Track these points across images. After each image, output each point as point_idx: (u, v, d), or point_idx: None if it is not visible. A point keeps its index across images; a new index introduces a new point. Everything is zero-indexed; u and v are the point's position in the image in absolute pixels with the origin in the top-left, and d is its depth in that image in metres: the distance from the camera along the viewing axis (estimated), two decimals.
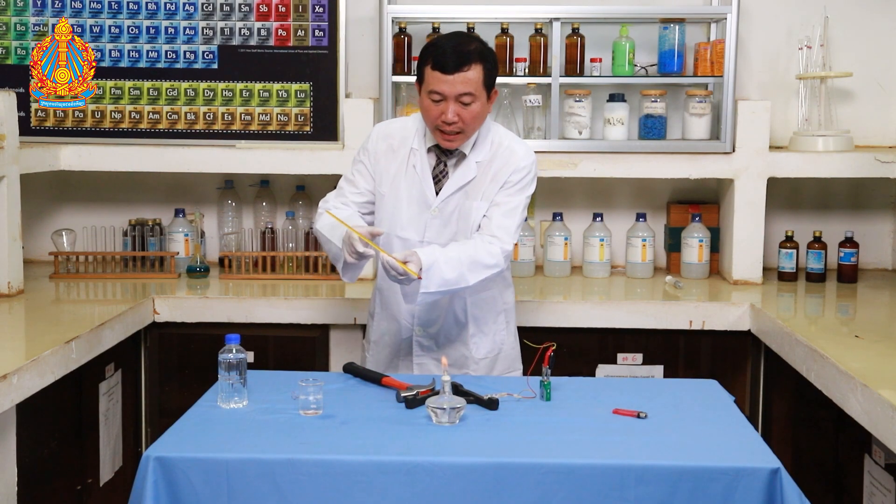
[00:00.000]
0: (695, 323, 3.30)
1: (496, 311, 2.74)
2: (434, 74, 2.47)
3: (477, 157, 2.60)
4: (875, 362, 2.52)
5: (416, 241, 2.61)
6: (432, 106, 2.50)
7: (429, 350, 2.70)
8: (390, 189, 2.63)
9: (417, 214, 2.61)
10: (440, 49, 2.48)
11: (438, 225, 2.61)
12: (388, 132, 2.68)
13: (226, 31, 3.69)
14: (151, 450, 1.98)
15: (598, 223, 3.82)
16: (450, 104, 2.47)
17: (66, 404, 2.84)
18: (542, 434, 2.09)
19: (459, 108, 2.47)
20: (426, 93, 2.50)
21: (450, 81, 2.45)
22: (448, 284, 2.47)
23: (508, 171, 2.59)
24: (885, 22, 3.86)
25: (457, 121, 2.48)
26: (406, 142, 2.63)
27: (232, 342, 2.25)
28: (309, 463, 1.94)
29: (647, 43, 3.76)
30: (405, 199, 2.61)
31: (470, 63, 2.45)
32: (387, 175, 2.63)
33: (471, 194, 2.60)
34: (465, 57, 2.45)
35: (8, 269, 3.22)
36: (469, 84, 2.46)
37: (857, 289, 3.64)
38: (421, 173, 2.61)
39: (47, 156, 3.57)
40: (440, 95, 2.47)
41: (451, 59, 2.45)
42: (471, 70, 2.45)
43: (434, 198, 2.60)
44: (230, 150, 3.68)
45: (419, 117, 2.65)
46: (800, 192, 3.94)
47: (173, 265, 3.71)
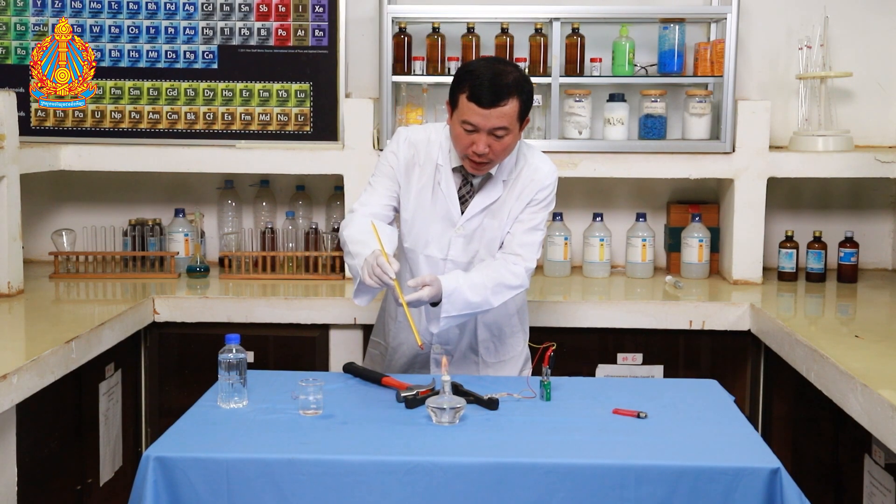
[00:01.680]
0: (695, 323, 3.30)
1: (509, 313, 2.73)
2: (470, 106, 2.37)
3: (503, 175, 2.56)
4: (875, 362, 2.52)
5: (439, 258, 2.59)
6: (464, 135, 2.41)
7: (443, 366, 2.67)
8: (416, 205, 2.58)
9: (441, 232, 2.58)
10: (479, 80, 2.37)
11: (462, 243, 2.58)
12: (414, 142, 2.59)
13: (226, 31, 3.70)
14: (151, 450, 1.98)
15: (598, 223, 3.82)
16: (482, 136, 2.39)
17: (66, 404, 2.84)
18: (542, 434, 2.09)
19: (492, 140, 2.40)
20: (459, 121, 2.41)
21: (485, 115, 2.36)
22: (471, 307, 2.47)
23: (534, 190, 2.56)
24: (885, 22, 3.86)
25: (488, 152, 2.41)
26: (431, 157, 2.57)
27: (232, 342, 2.25)
28: (309, 463, 1.94)
29: (647, 43, 3.76)
30: (430, 216, 2.58)
31: (508, 98, 2.36)
32: (412, 189, 2.58)
33: (495, 213, 2.58)
34: (503, 91, 2.36)
35: (8, 269, 3.22)
36: (504, 118, 2.37)
37: (857, 289, 3.64)
38: (446, 192, 2.56)
39: (47, 156, 3.57)
40: (473, 127, 2.39)
41: (489, 94, 2.35)
42: (507, 105, 2.37)
43: (459, 217, 2.57)
44: (230, 150, 3.68)
45: (444, 130, 2.58)
46: (800, 192, 3.94)
47: (173, 265, 3.71)
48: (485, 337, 2.70)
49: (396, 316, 2.71)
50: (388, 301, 2.77)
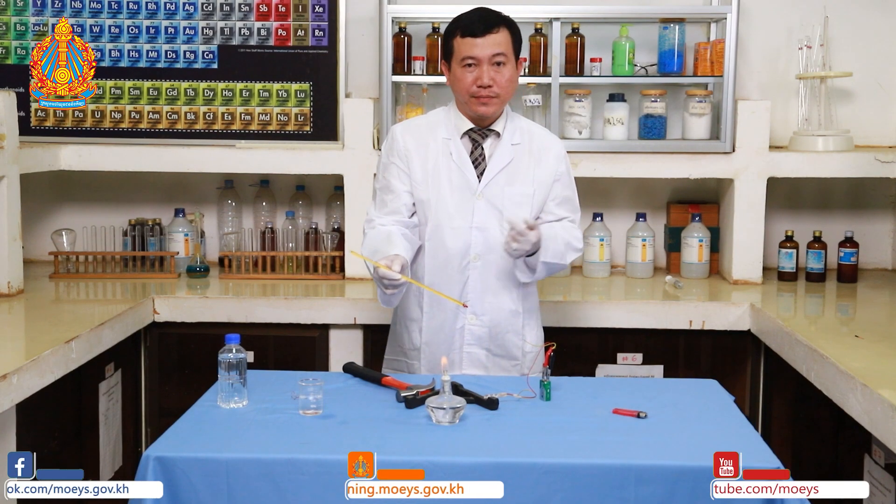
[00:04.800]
0: (695, 323, 3.30)
1: (535, 307, 2.77)
2: (465, 41, 2.55)
3: (511, 139, 2.64)
4: (875, 362, 2.52)
5: (465, 227, 2.61)
6: (466, 73, 2.55)
7: (480, 339, 2.66)
8: (432, 181, 2.61)
9: (462, 201, 2.61)
10: (468, 17, 2.58)
11: (485, 208, 2.60)
12: (411, 127, 2.68)
13: (226, 30, 3.70)
14: (151, 450, 1.98)
15: (598, 223, 3.82)
16: (484, 67, 2.53)
17: (66, 404, 2.84)
18: (542, 434, 2.09)
19: (494, 71, 2.54)
20: (458, 62, 2.56)
21: (481, 45, 2.53)
22: (558, 257, 2.60)
23: (552, 160, 2.66)
24: (885, 22, 3.86)
25: (492, 84, 2.53)
26: (436, 133, 2.64)
27: (232, 342, 2.25)
28: (309, 463, 1.94)
29: (647, 43, 3.76)
30: (447, 188, 2.61)
31: (498, 26, 2.55)
32: (424, 168, 2.62)
33: (514, 179, 2.62)
34: (492, 20, 2.55)
35: (8, 268, 3.22)
36: (500, 45, 2.54)
37: (857, 289, 3.65)
38: (459, 160, 2.61)
39: (47, 156, 3.57)
40: (474, 60, 2.53)
41: (480, 24, 2.54)
42: (500, 33, 2.55)
43: (477, 183, 2.61)
44: (230, 150, 3.68)
45: (440, 112, 2.70)
46: (800, 191, 3.94)
47: (173, 265, 3.71)
48: (519, 308, 2.70)
49: (422, 303, 2.67)
50: (399, 309, 2.75)
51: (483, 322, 2.65)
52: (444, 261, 2.62)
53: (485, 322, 2.65)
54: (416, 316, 2.69)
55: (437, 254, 2.62)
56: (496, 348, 2.67)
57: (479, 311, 2.65)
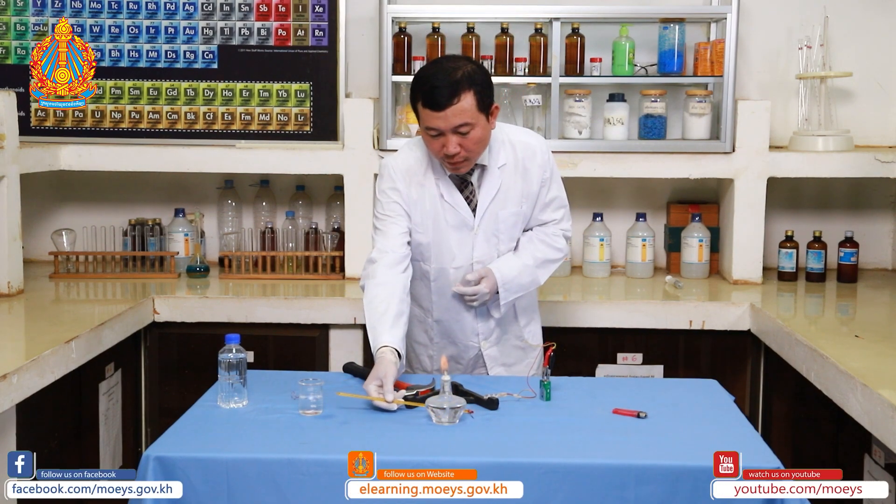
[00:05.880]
0: (695, 323, 3.30)
1: (534, 305, 2.80)
2: (426, 112, 2.40)
3: (498, 162, 2.59)
4: (875, 362, 2.52)
5: (466, 265, 2.61)
6: (432, 141, 2.45)
7: (495, 359, 2.71)
8: (431, 224, 2.59)
9: (461, 240, 2.60)
10: (427, 84, 2.39)
11: (483, 242, 2.61)
12: (404, 168, 2.59)
13: (226, 30, 3.70)
14: (151, 450, 1.98)
15: (598, 223, 3.82)
16: (449, 137, 2.41)
17: (66, 404, 2.84)
18: (542, 434, 2.09)
19: (459, 138, 2.41)
20: (423, 129, 2.45)
21: (443, 117, 2.38)
22: (524, 289, 2.63)
23: (536, 170, 2.61)
24: (885, 22, 3.86)
25: (459, 151, 2.43)
26: (427, 173, 2.58)
27: (232, 342, 2.25)
28: (309, 463, 1.94)
29: (647, 43, 3.76)
30: (445, 230, 2.59)
31: (459, 93, 2.36)
32: (422, 212, 2.59)
33: (505, 202, 2.60)
34: (453, 88, 2.36)
35: (8, 268, 3.22)
36: (464, 115, 2.38)
37: (857, 289, 3.64)
38: (452, 201, 2.58)
39: (47, 156, 3.57)
40: (437, 131, 2.41)
41: (440, 94, 2.36)
42: (462, 100, 2.37)
43: (472, 219, 2.59)
44: (230, 150, 3.68)
45: (425, 146, 2.60)
46: (800, 191, 3.94)
47: (173, 265, 3.71)
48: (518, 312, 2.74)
49: (432, 334, 2.72)
50: (418, 332, 2.75)
51: (492, 342, 2.70)
52: (452, 299, 2.64)
53: (493, 342, 2.70)
54: (425, 341, 2.73)
55: (445, 292, 2.64)
56: (510, 359, 2.74)
57: (486, 334, 2.69)
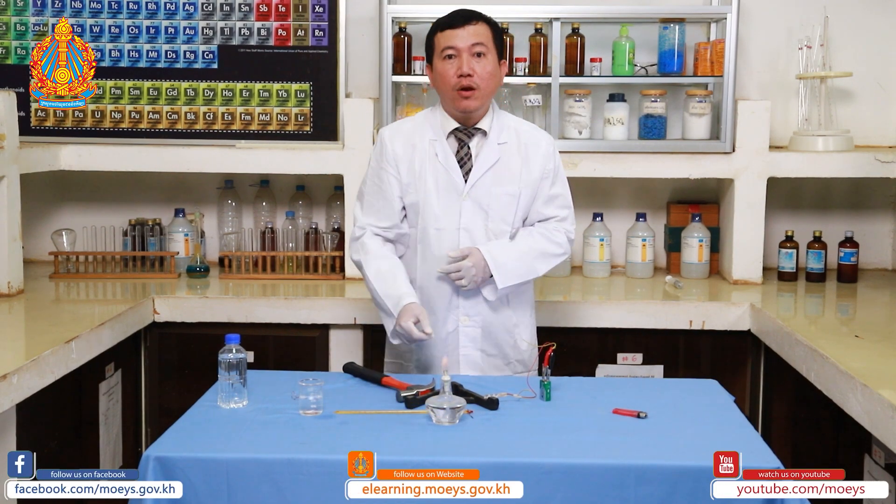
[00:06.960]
0: (695, 323, 3.30)
1: (528, 304, 2.77)
2: (444, 34, 2.57)
3: (498, 138, 2.64)
4: (875, 362, 2.52)
5: (451, 228, 2.62)
6: (447, 66, 2.56)
7: (474, 340, 2.67)
8: (419, 183, 2.63)
9: (448, 203, 2.62)
10: (446, 15, 2.60)
11: (471, 209, 2.61)
12: (398, 130, 2.69)
13: (226, 30, 3.70)
14: (151, 450, 1.98)
15: (598, 223, 3.82)
16: (464, 57, 2.54)
17: (66, 404, 2.84)
18: (542, 434, 2.09)
19: (474, 61, 2.55)
20: (439, 55, 2.58)
21: (460, 35, 2.55)
22: (521, 276, 2.62)
23: (539, 158, 2.65)
24: (885, 22, 3.86)
25: (472, 74, 2.54)
26: (423, 134, 2.65)
27: (232, 342, 2.25)
28: (309, 463, 1.94)
29: (647, 43, 3.76)
30: (433, 190, 2.62)
31: (476, 19, 2.58)
32: (411, 171, 2.63)
33: (501, 179, 2.62)
34: (470, 14, 2.58)
35: (8, 269, 3.22)
36: (480, 35, 2.56)
37: (857, 289, 3.64)
38: (445, 161, 2.62)
39: (47, 156, 3.57)
40: (454, 50, 2.55)
41: (459, 17, 2.57)
42: (479, 25, 2.57)
43: (463, 184, 2.61)
44: (230, 150, 3.68)
45: (426, 113, 2.70)
46: (800, 192, 3.94)
47: (173, 265, 3.71)
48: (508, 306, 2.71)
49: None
50: None
51: (476, 322, 2.66)
52: (434, 263, 2.63)
53: (477, 322, 2.66)
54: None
55: (427, 256, 2.64)
56: (490, 348, 2.68)
57: (471, 312, 2.66)
